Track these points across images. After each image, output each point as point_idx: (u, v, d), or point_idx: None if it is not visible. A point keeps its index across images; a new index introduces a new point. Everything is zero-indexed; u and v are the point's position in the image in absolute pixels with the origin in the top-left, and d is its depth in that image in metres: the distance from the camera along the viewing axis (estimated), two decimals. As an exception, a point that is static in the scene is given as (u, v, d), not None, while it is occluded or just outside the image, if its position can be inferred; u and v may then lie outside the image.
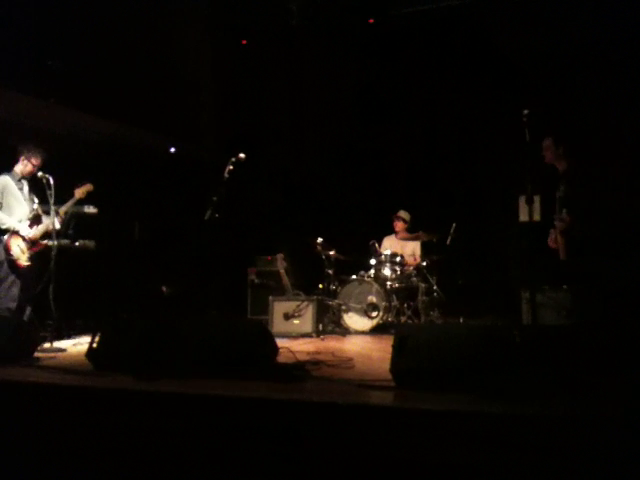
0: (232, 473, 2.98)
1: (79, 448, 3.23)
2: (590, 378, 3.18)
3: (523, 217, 6.35)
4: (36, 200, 5.79)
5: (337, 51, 8.66)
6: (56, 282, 5.33)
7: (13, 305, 5.52)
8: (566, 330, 4.01)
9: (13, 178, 5.72)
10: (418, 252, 7.58)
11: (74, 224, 6.07)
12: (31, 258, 5.65)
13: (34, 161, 5.73)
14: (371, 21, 8.45)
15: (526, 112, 4.57)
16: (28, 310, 5.68)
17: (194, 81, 9.13)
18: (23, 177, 5.78)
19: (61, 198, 5.74)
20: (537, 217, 5.88)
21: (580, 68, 7.16)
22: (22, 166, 5.76)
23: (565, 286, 5.40)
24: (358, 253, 7.52)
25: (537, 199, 5.79)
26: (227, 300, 7.24)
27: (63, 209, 5.75)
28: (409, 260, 7.46)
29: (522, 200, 6.23)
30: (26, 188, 5.80)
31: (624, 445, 2.51)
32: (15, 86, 6.46)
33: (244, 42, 9.13)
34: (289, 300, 6.86)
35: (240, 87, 9.25)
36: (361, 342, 6.19)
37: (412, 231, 7.55)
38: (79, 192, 5.86)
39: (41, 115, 6.95)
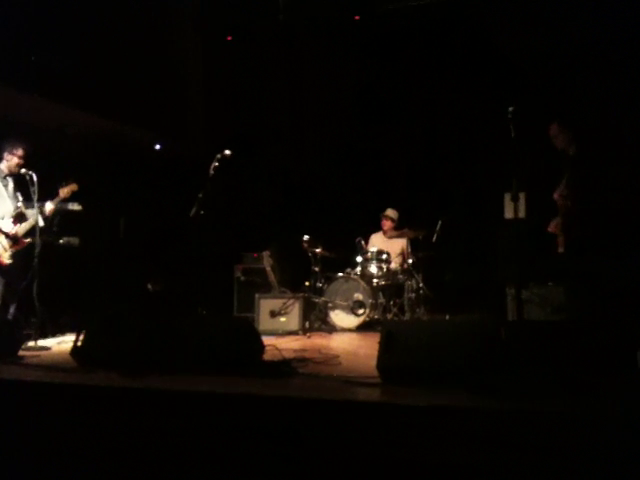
0: (219, 468, 2.97)
1: (65, 445, 3.21)
2: (579, 375, 3.20)
3: (508, 214, 6.37)
4: (20, 198, 5.74)
5: (327, 48, 8.63)
6: (40, 279, 5.29)
7: (-3, 303, 5.48)
8: (554, 327, 4.04)
9: (-2, 175, 5.67)
10: (407, 250, 7.57)
11: (58, 221, 6.02)
12: (13, 256, 5.59)
13: (18, 153, 5.68)
14: (357, 18, 8.42)
15: (511, 109, 4.59)
16: (12, 308, 5.62)
17: (183, 78, 9.07)
18: (9, 174, 5.73)
19: (46, 195, 5.70)
20: (522, 214, 5.91)
21: (579, 63, 7.13)
22: (7, 162, 5.70)
23: (551, 282, 5.43)
24: (345, 250, 7.52)
25: (522, 196, 5.82)
26: (213, 297, 7.21)
27: (48, 208, 5.70)
28: (397, 259, 7.47)
29: (507, 197, 6.25)
30: (11, 185, 5.75)
31: (622, 443, 2.52)
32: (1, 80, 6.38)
33: (229, 38, 9.07)
34: (275, 298, 6.85)
35: (230, 85, 9.19)
36: (347, 339, 6.20)
37: (398, 228, 7.56)
38: (64, 192, 5.83)
39: (25, 109, 6.88)
